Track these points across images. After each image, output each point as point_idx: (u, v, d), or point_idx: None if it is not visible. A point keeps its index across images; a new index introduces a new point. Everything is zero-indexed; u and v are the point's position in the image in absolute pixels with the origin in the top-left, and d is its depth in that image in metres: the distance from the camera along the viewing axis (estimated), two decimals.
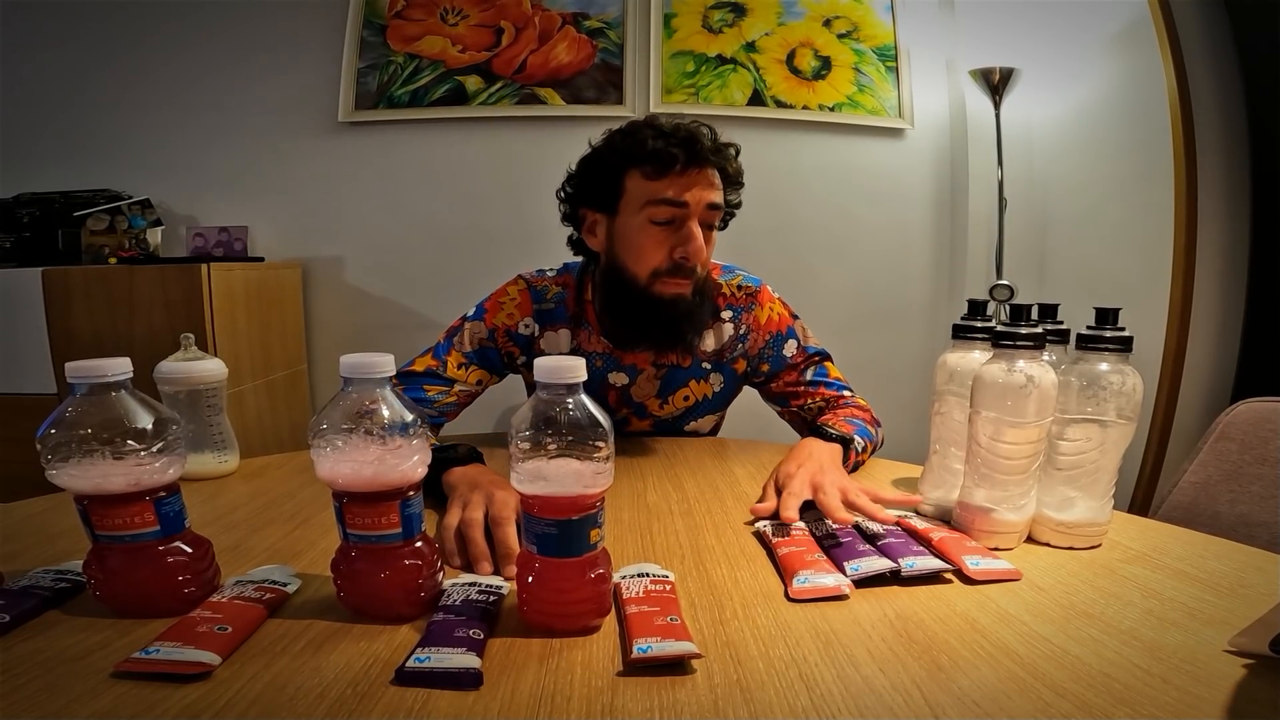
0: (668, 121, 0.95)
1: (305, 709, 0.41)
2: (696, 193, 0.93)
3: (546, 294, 1.07)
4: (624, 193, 0.96)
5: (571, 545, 0.50)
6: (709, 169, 0.94)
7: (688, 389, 1.11)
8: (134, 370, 0.54)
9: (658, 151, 0.92)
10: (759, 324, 1.10)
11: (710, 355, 1.10)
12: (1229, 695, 0.43)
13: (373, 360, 0.51)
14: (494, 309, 1.06)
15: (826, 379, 1.09)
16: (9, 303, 1.68)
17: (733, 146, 1.00)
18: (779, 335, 1.10)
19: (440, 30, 2.11)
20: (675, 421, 1.14)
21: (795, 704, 0.42)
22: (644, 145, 0.93)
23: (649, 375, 1.09)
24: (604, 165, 0.98)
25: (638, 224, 0.95)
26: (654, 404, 1.11)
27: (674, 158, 0.91)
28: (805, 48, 2.16)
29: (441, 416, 1.02)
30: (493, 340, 1.05)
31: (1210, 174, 1.71)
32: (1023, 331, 0.64)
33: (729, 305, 1.09)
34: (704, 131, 0.95)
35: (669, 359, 1.08)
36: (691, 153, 0.92)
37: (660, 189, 0.93)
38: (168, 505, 0.53)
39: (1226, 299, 1.79)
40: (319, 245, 2.18)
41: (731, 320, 1.09)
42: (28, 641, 0.49)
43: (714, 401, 1.14)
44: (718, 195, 0.95)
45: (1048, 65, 2.03)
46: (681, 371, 1.10)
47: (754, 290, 1.11)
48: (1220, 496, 0.90)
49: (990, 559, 0.62)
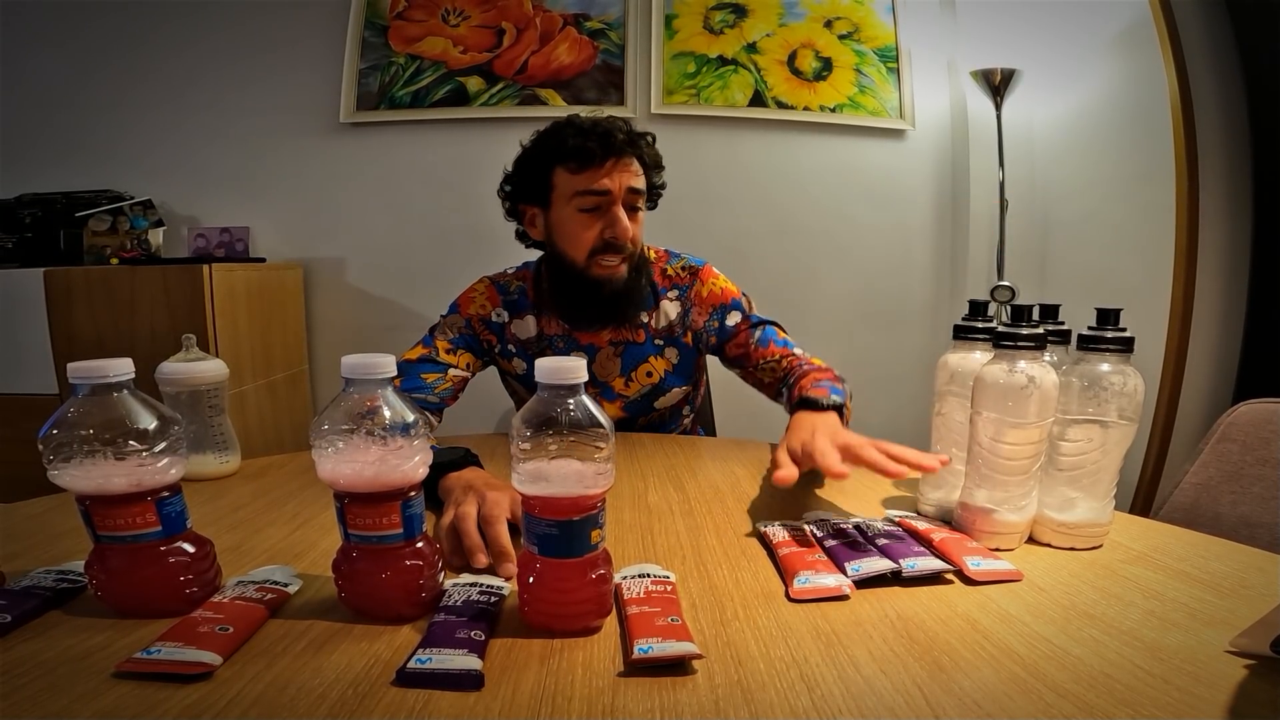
0: (586, 119, 1.06)
1: (306, 709, 0.41)
2: (617, 179, 1.04)
3: (509, 287, 1.18)
4: (554, 187, 1.07)
5: (572, 546, 0.50)
6: (626, 158, 1.05)
7: (649, 364, 1.18)
8: (135, 371, 0.54)
9: (578, 148, 1.03)
10: (701, 298, 1.18)
11: (661, 331, 1.19)
12: (1230, 696, 0.43)
13: (374, 361, 0.51)
14: (466, 303, 1.17)
15: (775, 338, 1.15)
16: (11, 303, 1.68)
17: (647, 135, 1.11)
18: (723, 306, 1.18)
19: (441, 31, 2.11)
20: (644, 400, 1.19)
21: (796, 704, 0.42)
22: (565, 143, 1.04)
23: (608, 354, 1.17)
24: (533, 164, 1.09)
25: (569, 214, 1.06)
26: (619, 383, 1.18)
27: (592, 152, 1.02)
28: (806, 49, 2.16)
29: (441, 403, 1.06)
30: (470, 328, 1.15)
31: (1211, 175, 1.70)
32: (1024, 332, 0.64)
33: (674, 285, 1.19)
34: (619, 124, 1.06)
35: (623, 335, 1.16)
36: (607, 146, 1.03)
37: (584, 181, 1.04)
38: (169, 506, 0.53)
39: (1228, 300, 1.79)
40: (320, 246, 2.19)
41: (677, 299, 1.19)
42: (29, 642, 0.49)
43: (676, 375, 1.20)
44: (637, 180, 1.07)
45: (1049, 66, 2.03)
46: (637, 347, 1.17)
47: (696, 269, 1.20)
48: (1221, 497, 0.90)
49: (991, 559, 0.62)
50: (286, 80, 2.12)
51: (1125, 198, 1.88)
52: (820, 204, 2.21)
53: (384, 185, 2.16)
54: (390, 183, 2.16)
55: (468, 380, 1.12)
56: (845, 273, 2.24)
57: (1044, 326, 0.67)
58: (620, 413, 1.20)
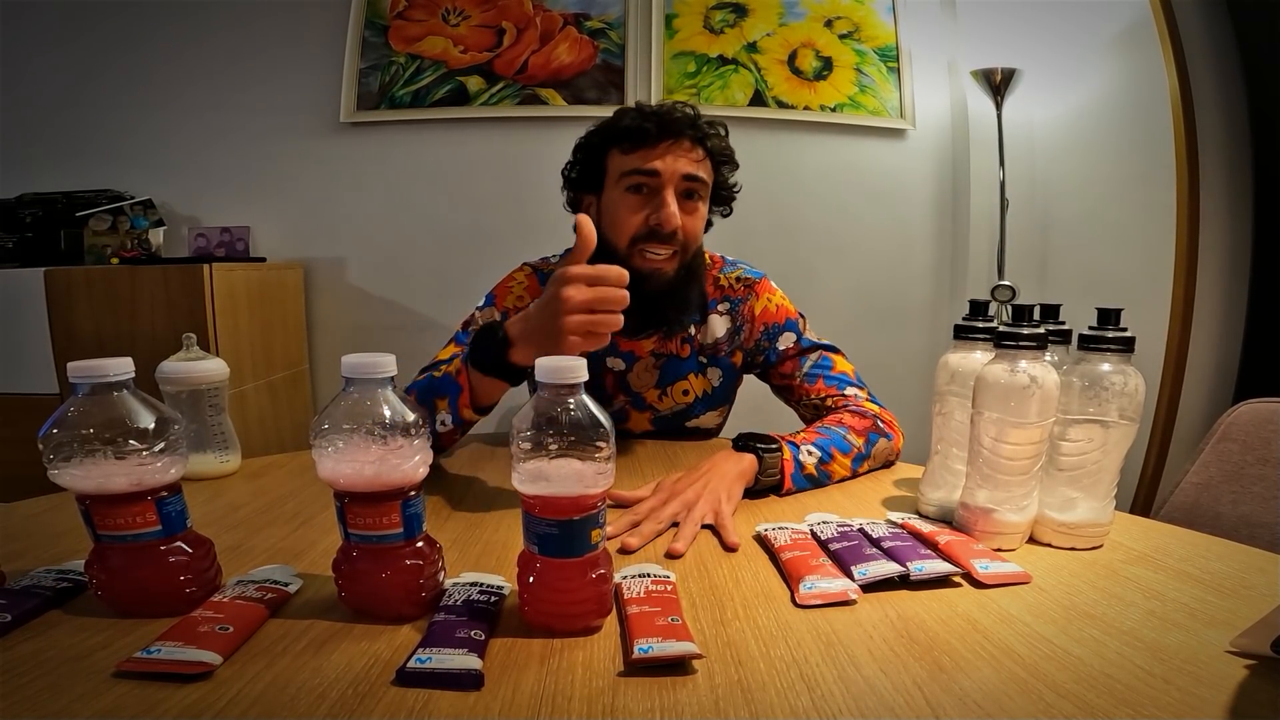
0: (650, 105, 1.00)
1: (306, 709, 0.41)
2: (669, 161, 0.95)
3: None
4: (607, 171, 1.00)
5: (573, 545, 0.50)
6: (684, 141, 0.96)
7: (686, 382, 1.11)
8: (136, 370, 0.54)
9: (630, 128, 0.96)
10: (754, 315, 1.09)
11: (708, 349, 1.10)
12: (1231, 696, 0.43)
13: (374, 360, 0.51)
14: (503, 294, 1.08)
15: (828, 372, 1.05)
16: (12, 303, 1.68)
17: (719, 125, 1.01)
18: (776, 326, 1.08)
19: (442, 31, 2.11)
20: (675, 418, 1.14)
21: (796, 704, 0.42)
22: (621, 124, 0.98)
23: (647, 364, 1.09)
24: (590, 149, 1.03)
25: (617, 195, 0.99)
26: (652, 395, 1.11)
27: (646, 131, 0.95)
28: (807, 48, 2.16)
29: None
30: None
31: (1212, 174, 1.70)
32: (1025, 332, 0.64)
33: (726, 297, 1.10)
34: (683, 107, 0.98)
35: (667, 349, 1.08)
36: (663, 125, 0.95)
37: (635, 161, 0.96)
38: (169, 505, 0.53)
39: (1228, 299, 1.79)
40: (321, 246, 2.19)
41: (728, 313, 1.10)
42: (29, 641, 0.49)
43: (714, 397, 1.13)
44: (695, 167, 0.97)
45: (1049, 66, 2.03)
46: (679, 362, 1.09)
47: (753, 282, 1.11)
48: (1222, 497, 0.90)
49: (999, 562, 0.61)
50: (287, 80, 2.12)
51: (1126, 197, 1.88)
52: (820, 203, 2.21)
53: (384, 185, 2.16)
54: (391, 182, 2.16)
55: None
56: (845, 272, 2.24)
57: (1045, 326, 0.66)
58: (648, 425, 1.13)
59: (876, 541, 0.66)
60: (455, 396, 0.82)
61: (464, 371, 0.82)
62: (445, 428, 0.84)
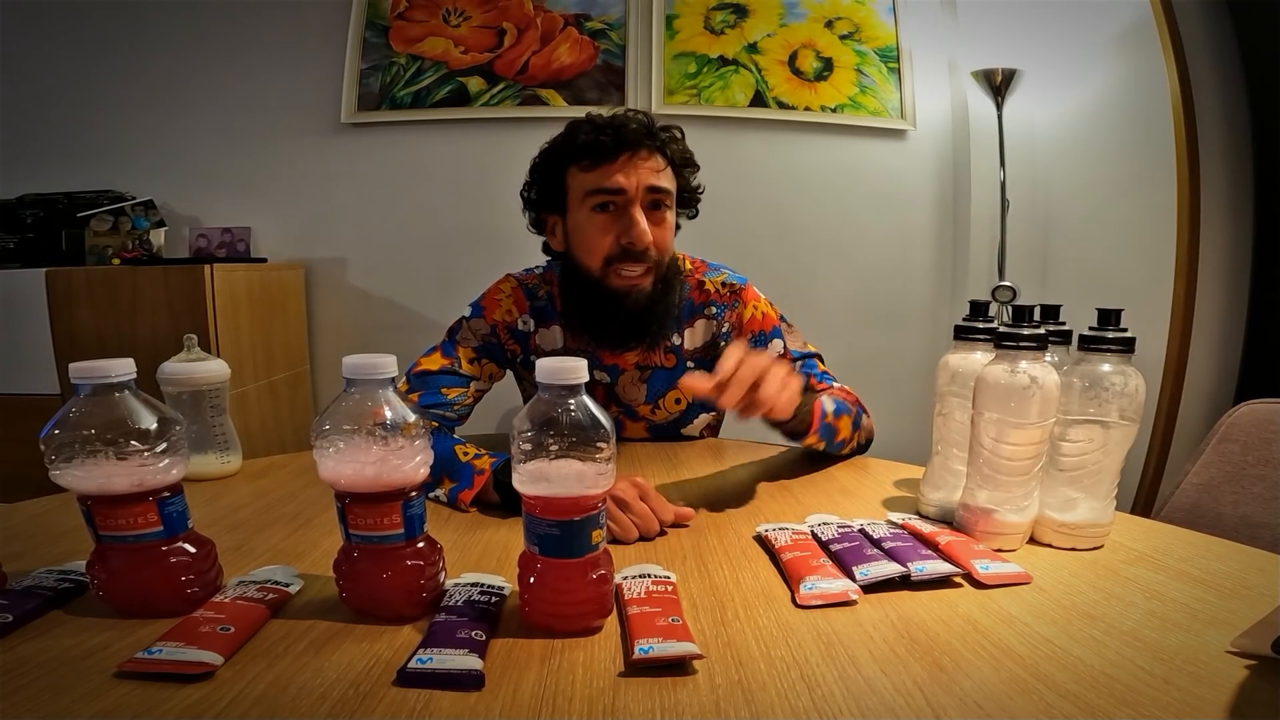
0: (601, 116, 0.97)
1: (307, 709, 0.42)
2: (633, 176, 0.93)
3: (537, 292, 1.07)
4: (568, 190, 0.98)
5: (573, 546, 0.50)
6: (644, 152, 0.94)
7: (677, 391, 1.10)
8: (137, 371, 0.54)
9: (588, 143, 0.93)
10: (742, 322, 1.08)
11: (694, 354, 1.09)
12: (1231, 696, 0.43)
13: (375, 361, 0.51)
14: (491, 306, 1.05)
15: (814, 371, 1.06)
16: (13, 303, 1.68)
17: (674, 129, 1.00)
18: (762, 334, 1.08)
19: (442, 31, 2.11)
20: (670, 425, 1.13)
21: (797, 705, 0.42)
22: (576, 140, 0.95)
23: (632, 377, 1.08)
24: (548, 168, 1.00)
25: (583, 217, 0.96)
26: (645, 409, 1.10)
27: (603, 146, 0.92)
28: (807, 49, 2.16)
29: (460, 420, 1.00)
30: (495, 336, 1.04)
31: (1213, 175, 1.70)
32: (1025, 333, 0.64)
33: (712, 302, 1.09)
34: (636, 117, 0.96)
35: (652, 360, 1.07)
36: (620, 137, 0.93)
37: (596, 179, 0.94)
38: (171, 506, 0.53)
39: (1229, 300, 1.79)
40: (321, 246, 2.19)
41: (715, 318, 1.09)
42: (31, 642, 0.49)
43: (705, 402, 1.12)
44: (658, 178, 0.95)
45: (1050, 66, 2.03)
46: (666, 373, 1.09)
47: (738, 288, 1.10)
48: (1223, 498, 0.90)
49: (999, 563, 0.61)
50: (288, 80, 2.12)
51: (1126, 197, 1.88)
52: (821, 204, 2.21)
53: (385, 186, 2.16)
54: (391, 183, 2.16)
55: (485, 393, 1.04)
56: (846, 273, 2.24)
57: (1045, 327, 0.66)
58: (644, 434, 1.13)
59: (877, 542, 0.66)
60: (462, 488, 0.79)
61: (486, 475, 0.79)
62: (437, 500, 0.81)
